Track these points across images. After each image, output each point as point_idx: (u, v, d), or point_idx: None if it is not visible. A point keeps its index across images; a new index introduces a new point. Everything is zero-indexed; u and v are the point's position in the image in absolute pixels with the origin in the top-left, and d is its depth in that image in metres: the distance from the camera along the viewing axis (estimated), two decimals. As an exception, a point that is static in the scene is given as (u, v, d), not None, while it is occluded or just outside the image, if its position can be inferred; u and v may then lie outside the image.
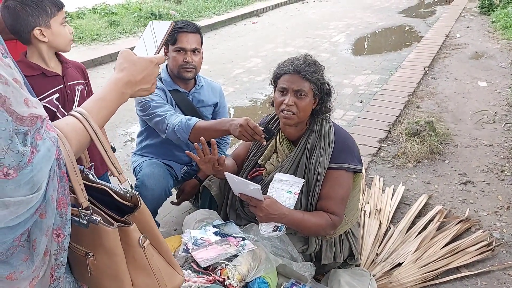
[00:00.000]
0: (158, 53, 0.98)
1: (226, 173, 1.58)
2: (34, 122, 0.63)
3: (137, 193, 0.91)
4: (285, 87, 1.67)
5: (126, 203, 0.91)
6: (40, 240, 0.71)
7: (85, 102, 0.86)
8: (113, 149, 2.04)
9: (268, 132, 1.76)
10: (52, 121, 0.74)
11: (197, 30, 2.09)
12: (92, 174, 0.93)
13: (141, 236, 0.89)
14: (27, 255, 0.71)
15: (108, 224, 0.86)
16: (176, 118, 1.93)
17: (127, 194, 0.91)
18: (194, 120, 1.92)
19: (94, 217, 0.84)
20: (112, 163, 0.86)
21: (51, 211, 0.70)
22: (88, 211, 0.84)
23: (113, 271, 0.88)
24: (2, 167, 0.58)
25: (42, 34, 1.58)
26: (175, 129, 1.90)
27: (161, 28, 1.01)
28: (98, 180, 0.93)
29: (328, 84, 1.73)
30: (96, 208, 0.89)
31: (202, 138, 1.71)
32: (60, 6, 1.60)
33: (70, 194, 0.79)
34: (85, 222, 0.84)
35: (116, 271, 0.88)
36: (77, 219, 0.84)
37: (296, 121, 1.71)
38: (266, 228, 1.68)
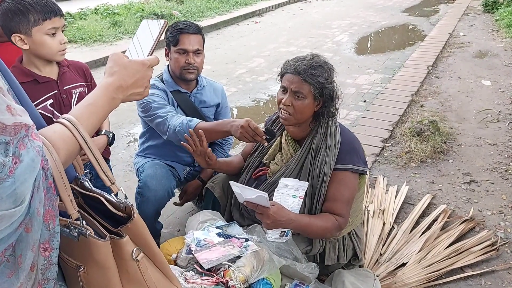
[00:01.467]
0: (151, 54, 0.93)
1: (231, 182, 1.57)
2: (18, 131, 0.60)
3: (131, 203, 0.87)
4: (285, 86, 1.67)
5: (120, 213, 0.87)
6: (26, 255, 0.67)
7: (75, 108, 0.82)
8: (113, 137, 1.90)
9: (269, 133, 1.76)
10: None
11: (199, 31, 2.08)
12: (87, 181, 0.90)
13: (134, 249, 0.85)
14: (12, 270, 0.68)
15: (100, 236, 0.82)
16: (177, 120, 1.93)
17: (121, 204, 0.87)
18: (195, 121, 1.92)
19: (84, 230, 0.80)
20: (104, 172, 0.82)
21: (37, 224, 0.66)
22: (79, 223, 0.80)
23: (105, 285, 0.84)
24: None
25: (22, 41, 1.54)
26: (176, 130, 1.91)
27: (154, 28, 0.96)
28: (93, 189, 0.90)
29: (332, 89, 1.66)
30: (89, 218, 0.86)
31: (190, 130, 1.75)
32: (48, 16, 1.53)
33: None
34: (76, 234, 0.80)
35: (108, 285, 0.84)
36: (68, 230, 0.80)
37: (294, 121, 1.70)
38: (272, 234, 1.67)
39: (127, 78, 0.86)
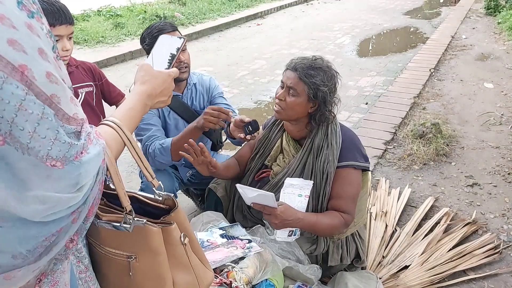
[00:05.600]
0: (172, 67, 1.03)
1: (238, 185, 1.58)
2: (79, 123, 0.65)
3: (173, 195, 0.95)
4: (283, 81, 1.71)
5: (161, 205, 0.95)
6: (60, 243, 0.70)
7: (116, 111, 0.89)
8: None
9: (253, 126, 1.78)
10: None
11: (176, 28, 2.03)
12: (113, 183, 0.95)
13: (182, 234, 0.92)
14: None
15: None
16: (152, 147, 1.94)
17: (160, 198, 0.96)
18: (167, 141, 1.93)
19: (138, 219, 0.87)
20: (146, 168, 0.90)
21: (82, 216, 0.70)
22: (132, 215, 0.87)
23: (156, 271, 0.91)
24: (50, 160, 0.59)
25: None
26: (155, 157, 1.93)
27: (174, 43, 1.06)
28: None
29: (326, 92, 1.63)
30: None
31: (190, 140, 1.72)
32: (51, 23, 1.53)
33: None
34: (129, 226, 0.86)
35: (159, 271, 0.91)
36: (118, 224, 0.87)
37: (284, 116, 1.72)
38: (281, 234, 1.67)
39: (156, 87, 0.96)
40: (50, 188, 0.60)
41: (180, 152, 1.76)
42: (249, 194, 1.54)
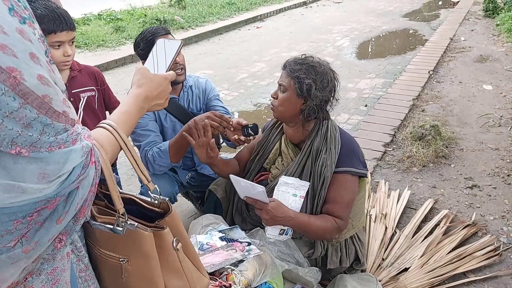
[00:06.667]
0: (169, 70, 1.05)
1: (231, 176, 1.58)
2: (70, 122, 0.66)
3: (167, 199, 0.96)
4: (278, 81, 1.74)
5: (156, 209, 0.96)
6: (43, 242, 0.68)
7: (112, 114, 0.91)
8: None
9: (254, 129, 1.81)
10: None
11: (168, 31, 2.05)
12: None
13: (174, 239, 0.93)
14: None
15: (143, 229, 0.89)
16: (151, 153, 1.95)
17: (156, 201, 0.96)
18: (164, 144, 1.94)
19: (130, 222, 0.87)
20: (141, 171, 0.92)
21: (68, 217, 0.70)
22: (125, 217, 0.87)
23: (148, 275, 0.92)
24: (15, 146, 0.59)
25: None
26: (155, 162, 1.94)
27: (170, 47, 1.08)
28: (121, 190, 0.96)
29: (310, 84, 1.62)
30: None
31: (195, 118, 1.73)
32: (53, 30, 1.55)
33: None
34: (121, 228, 0.87)
35: (151, 275, 0.92)
36: (111, 226, 0.87)
37: (277, 114, 1.73)
38: (272, 232, 1.67)
39: (152, 90, 0.97)
40: (16, 177, 0.60)
41: (183, 133, 1.78)
42: (242, 186, 1.55)
